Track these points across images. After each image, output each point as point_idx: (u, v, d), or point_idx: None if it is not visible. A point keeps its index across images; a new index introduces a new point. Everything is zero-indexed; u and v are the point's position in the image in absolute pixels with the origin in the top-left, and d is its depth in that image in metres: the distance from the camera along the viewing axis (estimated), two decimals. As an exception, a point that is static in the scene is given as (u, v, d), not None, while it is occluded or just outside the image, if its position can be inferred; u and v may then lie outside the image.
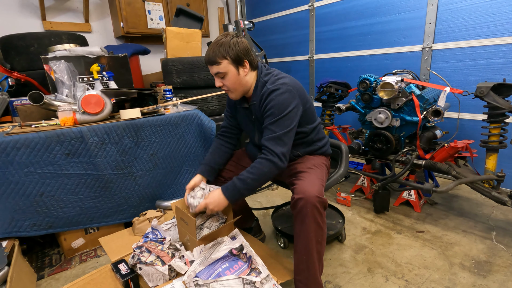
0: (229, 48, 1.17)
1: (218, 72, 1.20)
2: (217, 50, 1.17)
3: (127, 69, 2.22)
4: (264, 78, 1.27)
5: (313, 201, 1.07)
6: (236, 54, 1.18)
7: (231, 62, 1.19)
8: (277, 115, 1.16)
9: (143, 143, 1.76)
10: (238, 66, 1.21)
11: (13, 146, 1.42)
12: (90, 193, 1.65)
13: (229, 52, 1.17)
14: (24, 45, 2.29)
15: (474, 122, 2.28)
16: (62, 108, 1.62)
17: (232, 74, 1.21)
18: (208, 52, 1.20)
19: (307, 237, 1.11)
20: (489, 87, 1.61)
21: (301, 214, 1.09)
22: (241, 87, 1.25)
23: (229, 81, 1.22)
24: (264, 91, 1.22)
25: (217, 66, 1.19)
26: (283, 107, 1.17)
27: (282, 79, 1.23)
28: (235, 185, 1.18)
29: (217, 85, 1.25)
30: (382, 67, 2.78)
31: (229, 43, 1.17)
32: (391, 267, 1.49)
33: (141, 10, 3.38)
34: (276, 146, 1.16)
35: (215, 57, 1.17)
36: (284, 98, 1.17)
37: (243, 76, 1.24)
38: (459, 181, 1.66)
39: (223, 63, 1.18)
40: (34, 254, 1.76)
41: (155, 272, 1.18)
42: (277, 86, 1.19)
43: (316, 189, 1.10)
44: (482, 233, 1.72)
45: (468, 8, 2.19)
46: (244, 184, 1.17)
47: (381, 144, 2.00)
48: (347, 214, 2.02)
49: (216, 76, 1.23)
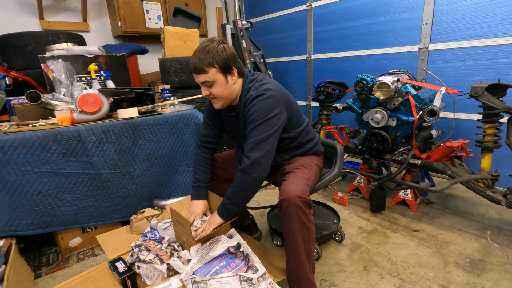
0: (217, 55, 1.10)
1: (206, 81, 1.14)
2: (204, 57, 1.10)
3: (125, 69, 2.22)
4: (248, 85, 1.22)
5: (295, 201, 1.07)
6: (224, 61, 1.12)
7: (219, 70, 1.13)
8: (257, 121, 1.12)
9: (140, 142, 1.77)
10: (226, 74, 1.15)
11: (10, 145, 1.42)
12: (88, 192, 1.65)
13: (217, 60, 1.10)
14: (21, 44, 2.29)
15: (469, 122, 2.30)
16: (60, 107, 1.62)
17: (220, 82, 1.15)
18: (193, 60, 1.12)
19: (294, 237, 1.11)
20: (484, 87, 1.63)
21: (286, 214, 1.09)
22: (229, 95, 1.20)
23: (217, 89, 1.16)
24: (248, 98, 1.17)
25: (204, 75, 1.12)
26: (265, 113, 1.12)
27: (266, 84, 1.18)
28: (223, 203, 1.22)
29: (204, 94, 1.18)
30: (379, 67, 2.80)
31: (216, 49, 1.10)
32: (387, 266, 1.50)
33: (139, 10, 3.38)
34: (253, 152, 1.12)
35: (201, 65, 1.10)
36: (267, 103, 1.13)
37: (231, 84, 1.18)
38: (454, 181, 1.68)
39: (211, 71, 1.12)
40: (32, 253, 1.76)
41: (153, 271, 1.18)
42: (260, 92, 1.15)
43: (298, 189, 1.09)
44: (477, 232, 1.74)
45: (465, 9, 2.21)
46: (228, 199, 1.20)
47: (378, 143, 2.01)
48: (344, 214, 2.03)
49: (202, 85, 1.17)
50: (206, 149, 1.45)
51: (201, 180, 1.41)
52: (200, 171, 1.42)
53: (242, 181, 1.15)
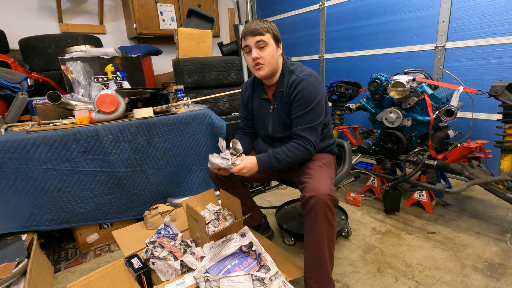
0: (271, 26, 1.25)
1: (261, 40, 1.22)
2: (261, 24, 1.22)
3: (140, 70, 2.27)
4: (291, 67, 1.31)
5: (325, 199, 1.08)
6: (277, 32, 1.27)
7: (272, 37, 1.24)
8: (309, 104, 1.22)
9: (155, 141, 1.81)
10: (277, 43, 1.27)
11: (32, 144, 1.48)
12: (105, 190, 1.70)
13: (272, 28, 1.24)
14: (42, 47, 2.38)
15: (488, 122, 2.23)
16: (79, 107, 1.68)
17: (272, 47, 1.25)
18: (250, 26, 1.23)
19: (319, 235, 1.12)
20: (504, 86, 1.58)
21: (313, 212, 1.10)
22: (275, 63, 1.28)
23: (268, 53, 1.24)
24: (294, 79, 1.25)
25: (261, 35, 1.22)
26: (314, 96, 1.22)
27: (307, 69, 1.28)
28: (270, 160, 1.23)
29: (254, 56, 1.23)
30: (393, 66, 2.75)
31: (270, 23, 1.25)
32: (401, 268, 1.48)
33: (154, 12, 3.44)
34: (311, 135, 1.24)
35: (259, 28, 1.21)
36: (315, 87, 1.23)
37: (278, 55, 1.29)
38: (472, 182, 1.63)
39: (267, 35, 1.22)
40: (51, 248, 1.83)
41: (167, 267, 1.21)
42: (306, 75, 1.24)
43: (327, 187, 1.11)
44: (496, 235, 1.69)
45: (484, 6, 2.14)
46: (278, 163, 1.23)
47: (392, 144, 1.98)
48: (357, 214, 2.01)
49: (254, 46, 1.23)
50: (243, 133, 1.56)
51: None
52: (243, 142, 1.48)
53: (298, 153, 1.23)
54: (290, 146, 1.24)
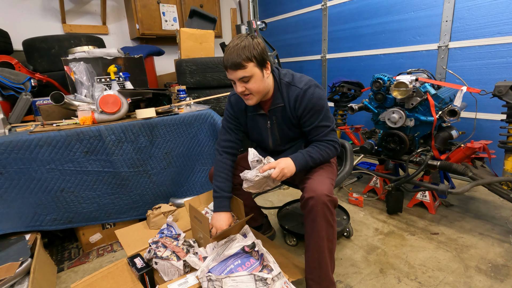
0: (253, 49, 1.11)
1: (244, 76, 1.12)
2: (241, 52, 1.09)
3: (142, 70, 2.28)
4: (285, 80, 1.24)
5: (324, 199, 1.07)
6: (260, 55, 1.13)
7: (256, 64, 1.13)
8: (321, 111, 1.22)
9: (157, 141, 1.81)
10: (262, 68, 1.16)
11: (36, 144, 1.49)
12: (107, 190, 1.70)
13: (254, 54, 1.11)
14: (45, 47, 2.40)
15: (492, 122, 2.21)
16: (82, 107, 1.69)
17: (258, 77, 1.15)
18: (229, 56, 1.11)
19: (318, 236, 1.12)
20: (508, 86, 1.57)
21: (312, 212, 1.10)
22: (264, 90, 1.20)
23: (254, 84, 1.15)
24: (298, 93, 1.20)
25: (243, 70, 1.11)
26: (322, 102, 1.22)
27: (303, 76, 1.26)
28: (306, 160, 1.21)
29: (239, 90, 1.17)
30: (396, 66, 2.74)
31: (252, 44, 1.11)
32: (404, 269, 1.47)
33: (156, 12, 3.45)
34: (335, 137, 1.27)
35: (240, 60, 1.09)
36: (318, 93, 1.22)
37: (266, 78, 1.19)
38: (476, 183, 1.62)
39: (249, 66, 1.11)
40: (54, 247, 1.84)
41: (170, 267, 1.21)
42: (307, 85, 1.21)
43: (326, 188, 1.11)
44: (500, 236, 1.68)
45: (487, 5, 2.13)
46: (313, 162, 1.23)
47: (395, 144, 1.97)
48: (359, 215, 2.01)
49: (239, 81, 1.15)
50: (228, 155, 1.38)
51: (224, 189, 1.33)
52: (222, 178, 1.34)
53: (330, 152, 1.25)
54: (322, 146, 1.24)
